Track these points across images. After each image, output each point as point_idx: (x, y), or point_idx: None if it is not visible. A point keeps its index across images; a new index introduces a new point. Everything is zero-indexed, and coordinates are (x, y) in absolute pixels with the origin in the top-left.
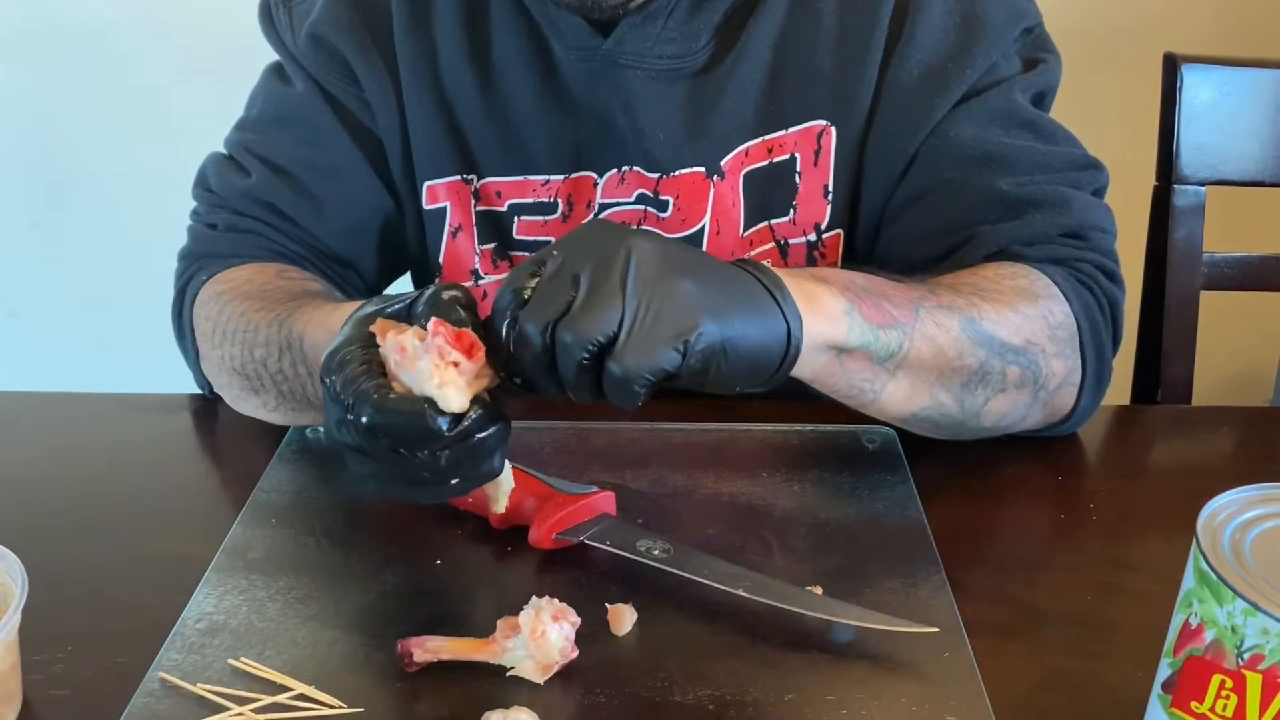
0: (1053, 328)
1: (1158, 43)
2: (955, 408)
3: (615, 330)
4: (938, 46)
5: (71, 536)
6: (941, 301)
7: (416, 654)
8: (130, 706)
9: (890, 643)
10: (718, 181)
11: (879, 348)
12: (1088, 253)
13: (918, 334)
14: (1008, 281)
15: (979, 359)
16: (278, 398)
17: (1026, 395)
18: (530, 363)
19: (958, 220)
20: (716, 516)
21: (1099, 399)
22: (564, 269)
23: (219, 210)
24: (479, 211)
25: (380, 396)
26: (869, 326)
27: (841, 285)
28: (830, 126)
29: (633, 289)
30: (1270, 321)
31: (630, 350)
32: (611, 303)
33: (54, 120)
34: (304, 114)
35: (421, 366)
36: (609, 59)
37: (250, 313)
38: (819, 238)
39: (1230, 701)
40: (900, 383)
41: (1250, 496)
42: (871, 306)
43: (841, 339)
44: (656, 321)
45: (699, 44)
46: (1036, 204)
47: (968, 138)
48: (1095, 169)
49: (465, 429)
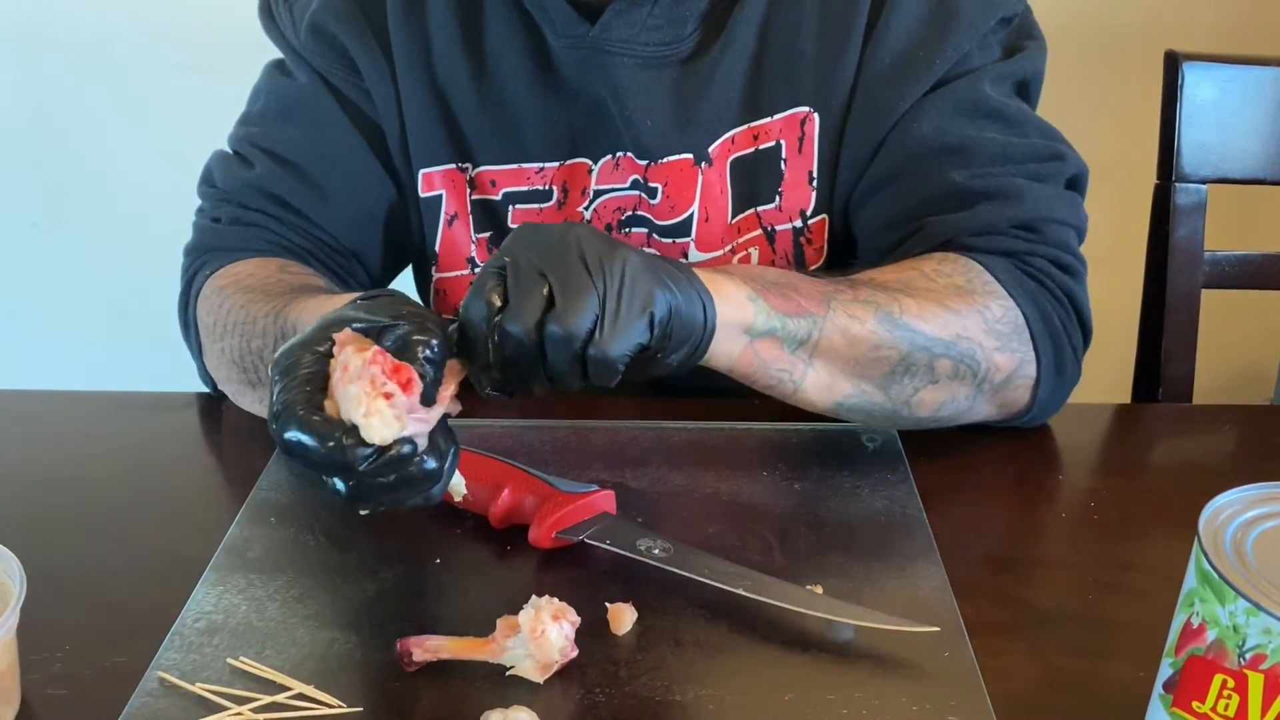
0: (990, 323)
1: (1159, 41)
2: (881, 397)
3: (593, 320)
4: (911, 35)
5: (70, 535)
6: (858, 296)
7: (416, 653)
8: (129, 706)
9: (890, 642)
10: (705, 168)
11: (787, 334)
12: (1039, 245)
13: (829, 324)
14: (942, 280)
15: (900, 351)
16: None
17: (966, 388)
18: (519, 363)
19: (911, 211)
20: (716, 515)
21: (1062, 391)
22: (526, 269)
23: (224, 204)
24: (474, 200)
25: (305, 415)
26: (775, 313)
27: (745, 276)
28: (813, 113)
29: (597, 272)
30: (1271, 320)
31: (610, 336)
32: (587, 292)
33: (53, 120)
34: (307, 105)
35: (353, 390)
36: (596, 46)
37: (249, 305)
38: (805, 224)
39: (1232, 701)
40: (818, 371)
41: (1252, 495)
42: (778, 296)
43: (748, 321)
44: (627, 301)
45: (685, 31)
46: (989, 195)
47: (929, 129)
48: (1059, 159)
49: (386, 461)
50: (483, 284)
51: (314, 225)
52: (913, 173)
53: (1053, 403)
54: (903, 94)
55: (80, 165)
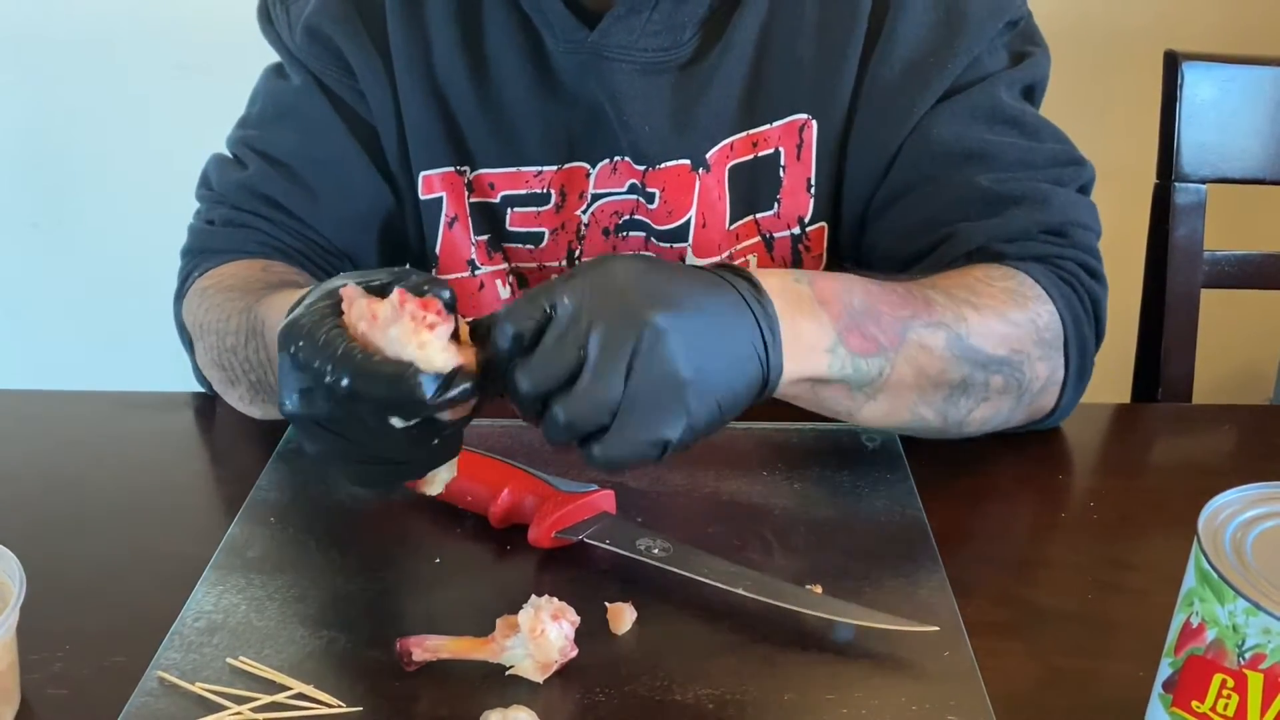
0: (1039, 330)
1: (1158, 40)
2: (937, 420)
3: (606, 422)
4: (920, 42)
5: (69, 535)
6: (933, 317)
7: (415, 653)
8: (128, 706)
9: (890, 642)
10: (703, 174)
11: (858, 378)
12: (1069, 250)
13: (901, 358)
14: (998, 284)
15: (963, 374)
16: (249, 389)
17: (1010, 400)
18: (518, 403)
19: (938, 217)
20: (716, 515)
21: (1080, 394)
22: (572, 330)
23: (218, 206)
24: (473, 203)
25: (363, 359)
26: (851, 357)
27: (836, 312)
28: (811, 120)
29: (634, 382)
30: (1271, 320)
31: (612, 445)
32: (611, 394)
33: (53, 119)
34: (301, 107)
35: (395, 333)
36: (595, 51)
37: (226, 304)
38: (803, 231)
39: (1231, 701)
40: (879, 404)
41: (1251, 495)
42: (859, 336)
43: (822, 374)
44: (643, 424)
45: (684, 37)
46: (1017, 201)
47: (950, 135)
48: (1079, 165)
49: (453, 396)
50: (525, 309)
51: (306, 226)
52: (935, 179)
53: (1071, 406)
54: (916, 101)
55: (80, 165)
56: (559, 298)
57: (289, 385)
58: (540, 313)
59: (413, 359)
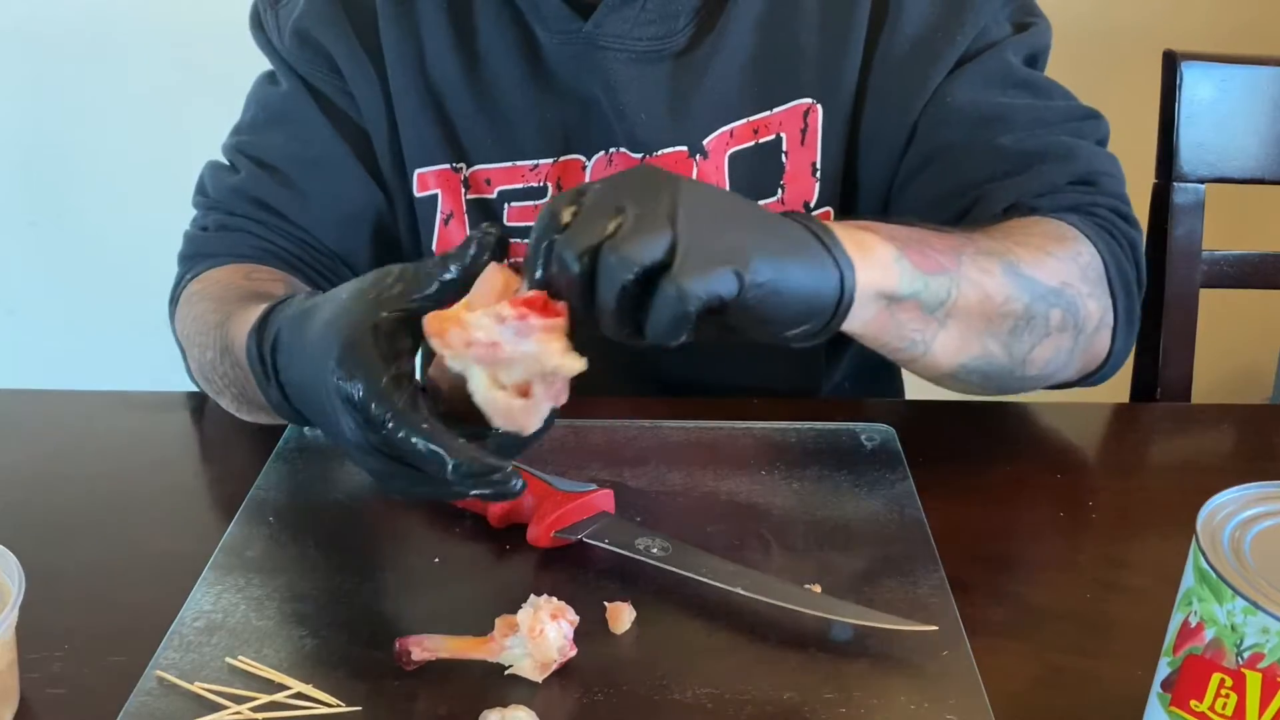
0: (1083, 268)
1: (1157, 40)
2: (1004, 355)
3: (665, 256)
4: (925, 18)
5: (68, 534)
6: (981, 247)
7: (415, 652)
8: (128, 705)
9: (889, 641)
10: (700, 161)
11: (929, 295)
12: (1100, 197)
13: (964, 280)
14: (1035, 229)
15: (1024, 303)
16: (234, 400)
17: (1068, 339)
18: (566, 289)
19: (965, 181)
20: (715, 514)
21: (1131, 341)
22: (606, 199)
23: (211, 212)
24: (469, 200)
25: (459, 448)
26: (919, 274)
27: (888, 234)
28: (817, 105)
29: (682, 223)
30: (1270, 319)
31: (688, 269)
32: (660, 230)
33: (52, 119)
34: (290, 111)
35: (528, 348)
36: (590, 41)
37: (205, 315)
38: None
39: (1230, 700)
40: (950, 332)
41: (1250, 495)
42: (918, 254)
43: (894, 287)
44: (710, 247)
45: (678, 25)
46: (1042, 156)
47: (965, 101)
48: (1095, 119)
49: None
50: (561, 200)
51: (297, 228)
52: (956, 145)
53: (1124, 353)
54: (928, 74)
55: (79, 164)
56: (589, 185)
57: (341, 423)
58: (575, 196)
59: (556, 367)
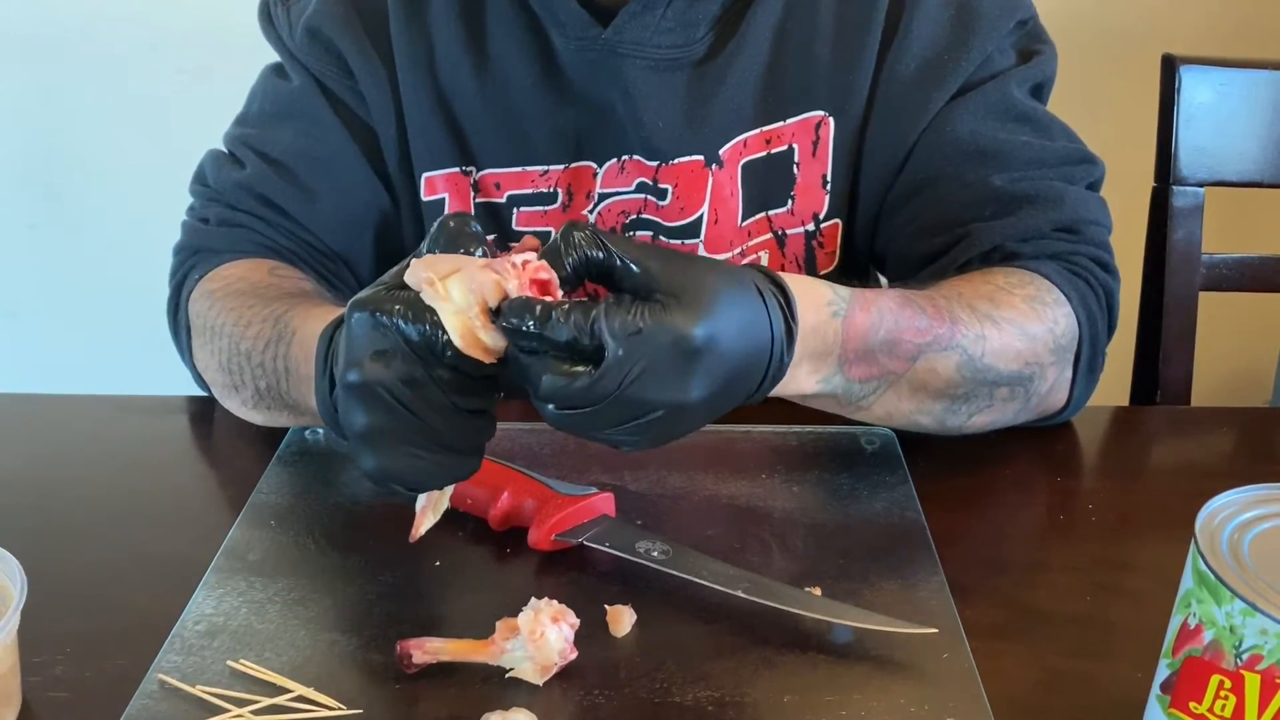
0: (1056, 339)
1: (1156, 44)
2: (935, 425)
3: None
4: (934, 39)
5: (70, 538)
6: (953, 339)
7: (416, 655)
8: (129, 708)
9: (889, 644)
10: (716, 170)
11: (850, 395)
12: (1082, 245)
13: (903, 380)
14: (1018, 292)
15: (966, 390)
16: (255, 395)
17: (1015, 405)
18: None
19: (952, 217)
20: (715, 518)
21: (1091, 389)
22: (616, 379)
23: (213, 204)
24: (478, 204)
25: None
26: (846, 381)
27: (853, 351)
28: (829, 117)
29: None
30: (1269, 322)
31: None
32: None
33: (52, 121)
34: (300, 107)
35: (513, 284)
36: (609, 48)
37: (243, 309)
38: (817, 227)
39: (1229, 702)
40: (873, 411)
41: (1249, 497)
42: (864, 366)
43: (810, 392)
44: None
45: (698, 34)
46: (1030, 200)
47: (964, 132)
48: (1090, 163)
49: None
50: (579, 324)
51: (301, 227)
52: (949, 176)
53: (1083, 399)
54: (930, 97)
55: (78, 167)
56: (612, 333)
57: (361, 349)
58: (588, 337)
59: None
